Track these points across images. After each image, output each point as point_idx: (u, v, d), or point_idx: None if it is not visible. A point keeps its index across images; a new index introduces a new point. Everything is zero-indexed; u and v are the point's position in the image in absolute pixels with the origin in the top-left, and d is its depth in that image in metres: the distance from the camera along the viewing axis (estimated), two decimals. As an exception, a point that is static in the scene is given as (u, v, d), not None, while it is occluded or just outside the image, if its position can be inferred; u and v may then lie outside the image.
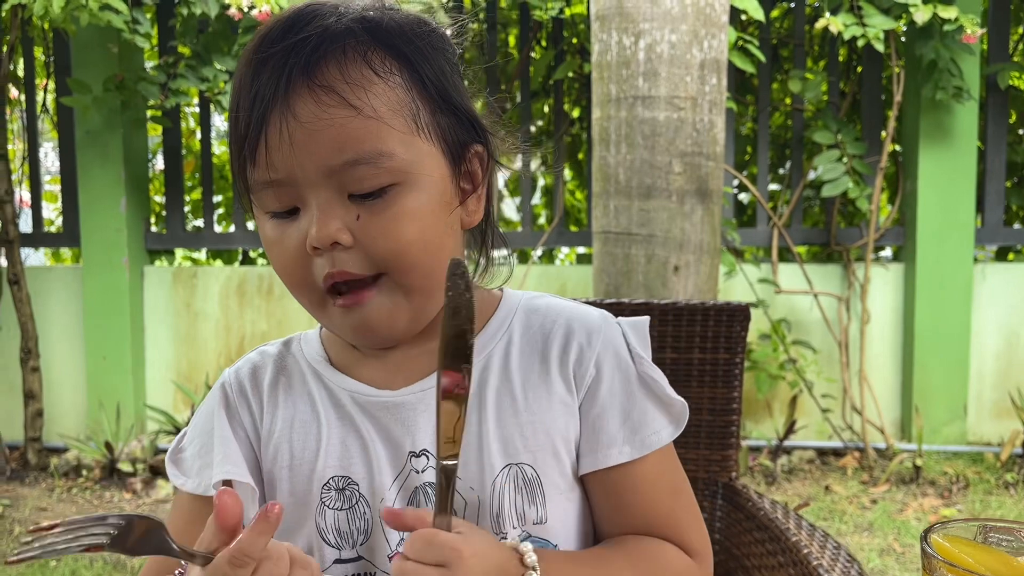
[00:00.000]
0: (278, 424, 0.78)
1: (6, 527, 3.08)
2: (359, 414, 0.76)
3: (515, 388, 0.76)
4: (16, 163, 3.97)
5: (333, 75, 0.67)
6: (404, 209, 0.69)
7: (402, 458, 0.74)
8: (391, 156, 0.68)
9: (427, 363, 0.76)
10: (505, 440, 0.74)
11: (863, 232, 3.72)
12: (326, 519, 0.75)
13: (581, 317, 0.79)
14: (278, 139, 0.67)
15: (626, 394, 0.77)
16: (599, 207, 2.64)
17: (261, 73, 0.68)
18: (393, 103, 0.68)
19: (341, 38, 0.68)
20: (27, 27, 3.78)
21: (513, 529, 0.74)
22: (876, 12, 3.35)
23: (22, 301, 3.70)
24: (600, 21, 2.59)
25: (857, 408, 3.64)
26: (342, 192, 0.68)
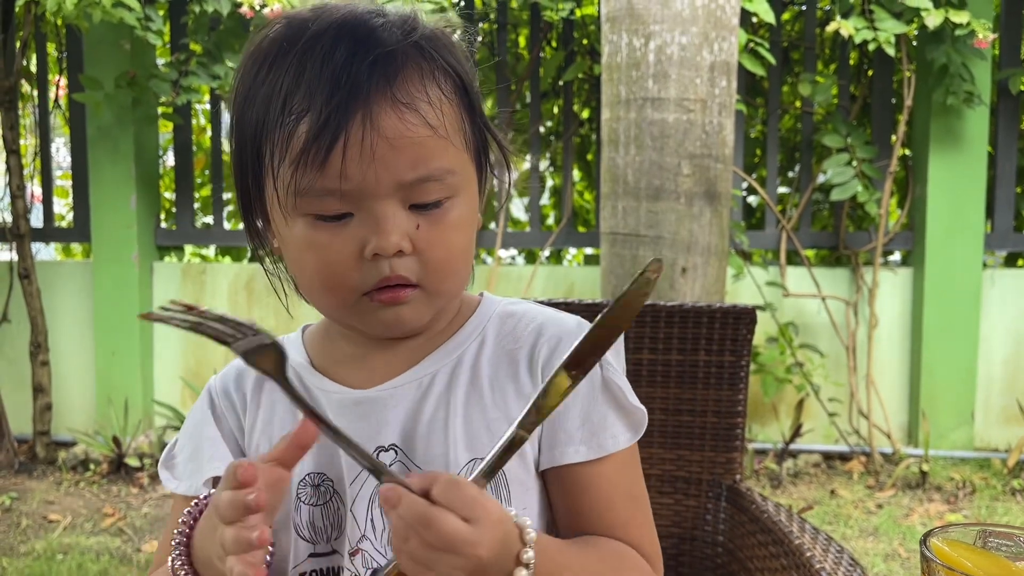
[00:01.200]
0: (259, 424, 0.81)
1: (14, 520, 3.10)
2: (333, 413, 0.78)
3: (483, 386, 0.78)
4: (28, 158, 3.99)
5: (414, 92, 0.68)
6: (456, 220, 0.72)
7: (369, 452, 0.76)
8: (454, 173, 0.71)
9: (403, 361, 0.79)
10: (471, 436, 0.76)
11: (872, 236, 3.71)
12: (302, 515, 0.77)
13: (555, 321, 0.81)
14: (358, 149, 0.66)
15: (589, 397, 0.78)
16: (607, 208, 2.64)
17: (321, 76, 0.66)
18: (454, 121, 0.72)
19: (416, 54, 0.70)
20: (40, 23, 3.80)
21: None
22: (887, 16, 3.34)
23: (32, 295, 3.72)
24: (610, 23, 2.59)
25: (864, 412, 3.63)
26: (406, 203, 0.70)
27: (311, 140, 0.67)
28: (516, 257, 4.46)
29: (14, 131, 3.70)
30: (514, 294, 3.78)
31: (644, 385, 1.31)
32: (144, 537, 2.97)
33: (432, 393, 0.77)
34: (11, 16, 3.72)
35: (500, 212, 3.89)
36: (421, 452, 0.76)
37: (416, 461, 0.76)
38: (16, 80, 3.71)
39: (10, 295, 3.88)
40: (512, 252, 4.42)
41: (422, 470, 0.75)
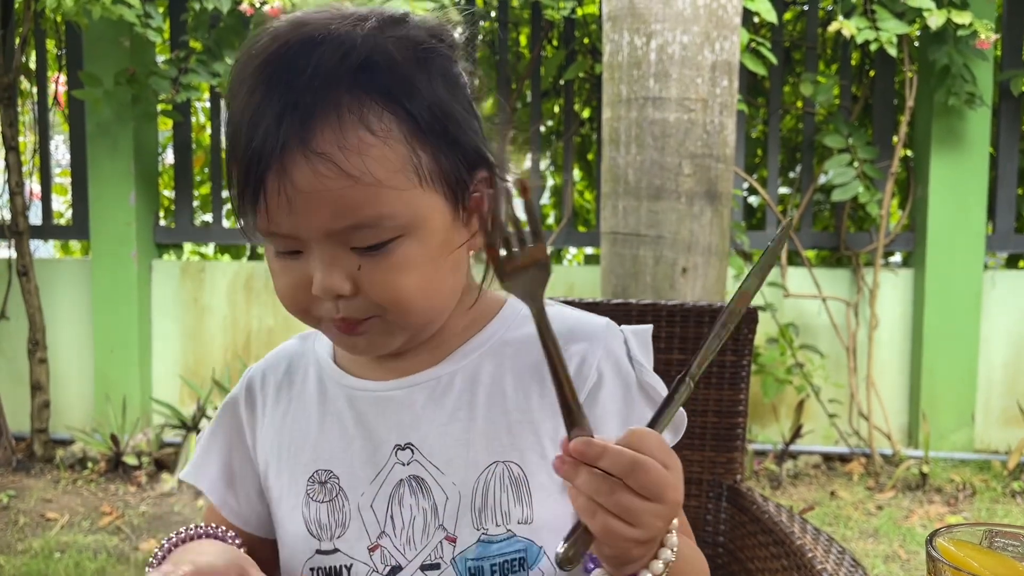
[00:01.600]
0: (278, 417, 0.81)
1: (11, 518, 3.10)
2: (347, 409, 0.78)
3: (507, 388, 0.76)
4: (27, 155, 3.99)
5: (328, 141, 0.64)
6: (403, 260, 0.68)
7: (386, 452, 0.75)
8: (392, 217, 0.67)
9: (423, 360, 0.78)
10: (492, 437, 0.75)
11: (873, 237, 3.70)
12: (310, 510, 0.77)
13: (584, 323, 0.79)
14: (276, 202, 0.66)
15: (625, 400, 0.76)
16: (608, 208, 2.63)
17: (255, 114, 0.65)
18: (393, 163, 0.66)
19: (335, 95, 0.64)
20: (40, 20, 3.79)
21: (496, 526, 0.73)
22: (889, 16, 3.33)
23: (30, 293, 3.71)
24: (612, 21, 2.58)
25: (864, 414, 3.63)
26: (345, 246, 0.68)
27: (240, 186, 0.68)
28: (516, 257, 4.45)
29: (13, 128, 3.69)
30: (514, 293, 3.77)
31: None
32: (141, 535, 2.96)
33: (452, 392, 0.76)
34: (10, 12, 3.71)
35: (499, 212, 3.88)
36: (439, 452, 0.74)
37: (434, 461, 0.74)
38: (15, 77, 3.70)
39: (8, 292, 3.88)
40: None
41: (440, 470, 0.74)
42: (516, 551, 0.74)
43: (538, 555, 0.74)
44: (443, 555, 0.73)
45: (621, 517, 0.59)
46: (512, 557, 0.73)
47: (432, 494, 0.74)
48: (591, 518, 0.60)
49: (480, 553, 0.73)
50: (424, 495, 0.74)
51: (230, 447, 0.83)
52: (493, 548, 0.73)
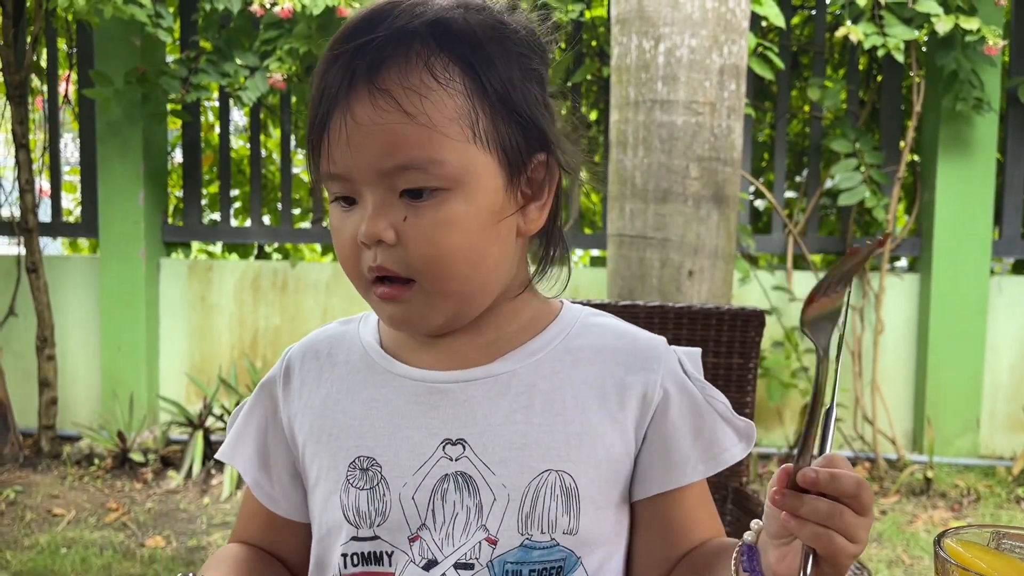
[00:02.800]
0: (318, 398, 0.80)
1: (18, 514, 3.11)
2: (396, 396, 0.77)
3: (566, 396, 0.76)
4: (37, 153, 4.01)
5: (393, 79, 0.68)
6: (449, 216, 0.69)
7: (433, 444, 0.75)
8: (442, 164, 0.68)
9: (477, 354, 0.77)
10: (548, 444, 0.74)
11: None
12: (349, 497, 0.76)
13: (644, 341, 0.80)
14: (337, 137, 0.69)
15: (694, 415, 0.77)
16: (615, 210, 2.64)
17: (330, 70, 0.70)
18: (451, 111, 0.68)
19: (408, 41, 0.68)
20: (51, 18, 3.82)
21: (541, 534, 0.73)
22: (897, 22, 3.34)
23: (39, 290, 3.73)
24: (620, 24, 2.59)
25: (869, 418, 3.63)
26: (394, 191, 0.69)
27: (312, 128, 0.71)
28: (522, 258, 4.47)
29: (24, 126, 3.71)
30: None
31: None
32: (147, 532, 2.98)
33: (509, 393, 0.75)
34: (22, 11, 3.74)
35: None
36: (492, 452, 0.74)
37: (485, 460, 0.74)
38: (26, 75, 3.72)
39: (17, 289, 3.90)
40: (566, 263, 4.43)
41: (491, 470, 0.73)
42: (556, 559, 0.74)
43: (575, 565, 0.75)
44: (479, 556, 0.73)
45: (846, 537, 0.60)
46: (552, 565, 0.74)
47: (479, 493, 0.73)
48: (817, 542, 0.60)
49: (521, 557, 0.73)
50: (470, 493, 0.73)
51: (266, 427, 0.83)
52: (535, 554, 0.73)
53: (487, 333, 0.77)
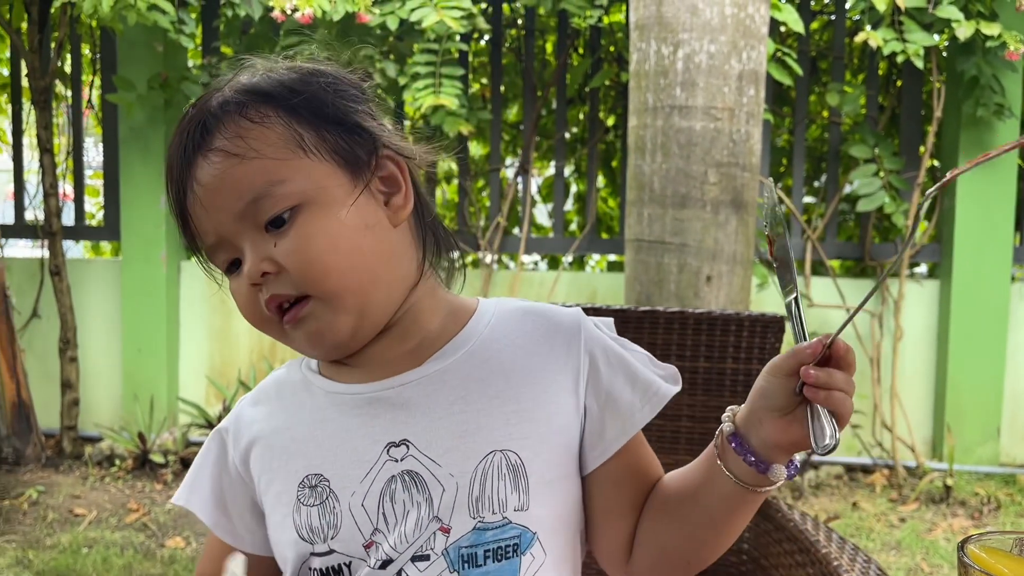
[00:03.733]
0: (266, 432, 0.84)
1: (40, 513, 3.15)
2: (337, 414, 0.80)
3: (500, 381, 0.79)
4: (60, 157, 4.06)
5: (216, 138, 0.76)
6: (307, 226, 0.74)
7: (377, 450, 0.77)
8: (282, 182, 0.74)
9: (407, 360, 0.80)
10: (491, 427, 0.77)
11: (898, 248, 3.68)
12: (301, 516, 0.78)
13: (560, 315, 0.84)
14: (196, 209, 0.77)
15: (622, 366, 0.81)
16: (633, 215, 2.65)
17: (171, 163, 0.78)
18: (273, 139, 0.75)
19: (221, 107, 0.77)
20: (76, 24, 3.87)
21: (492, 514, 0.76)
22: (917, 28, 3.32)
23: (62, 292, 3.78)
24: (639, 30, 2.60)
25: (888, 425, 3.61)
26: (259, 228, 0.75)
27: (177, 219, 0.80)
28: (539, 263, 4.47)
29: (48, 130, 3.77)
30: (537, 299, 3.79)
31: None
32: (167, 533, 3.00)
33: (445, 388, 0.78)
34: (47, 17, 3.79)
35: (524, 217, 3.91)
36: (436, 445, 0.77)
37: (430, 454, 0.76)
38: (51, 80, 3.78)
39: (40, 291, 3.95)
40: (535, 257, 4.44)
41: (437, 463, 0.76)
42: (510, 537, 0.76)
43: (531, 541, 0.77)
44: (434, 546, 0.75)
45: (851, 395, 0.70)
46: (506, 543, 0.76)
47: (428, 487, 0.76)
48: (842, 405, 0.69)
49: (474, 540, 0.75)
50: (419, 489, 0.76)
51: (219, 469, 0.86)
52: (488, 535, 0.76)
53: (411, 338, 0.81)
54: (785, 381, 0.71)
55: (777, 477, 0.73)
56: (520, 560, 0.77)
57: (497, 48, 3.93)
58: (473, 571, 0.75)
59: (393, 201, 0.80)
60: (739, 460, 0.73)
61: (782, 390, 0.71)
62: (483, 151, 4.27)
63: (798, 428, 0.71)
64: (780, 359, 0.72)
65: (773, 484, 0.74)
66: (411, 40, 3.47)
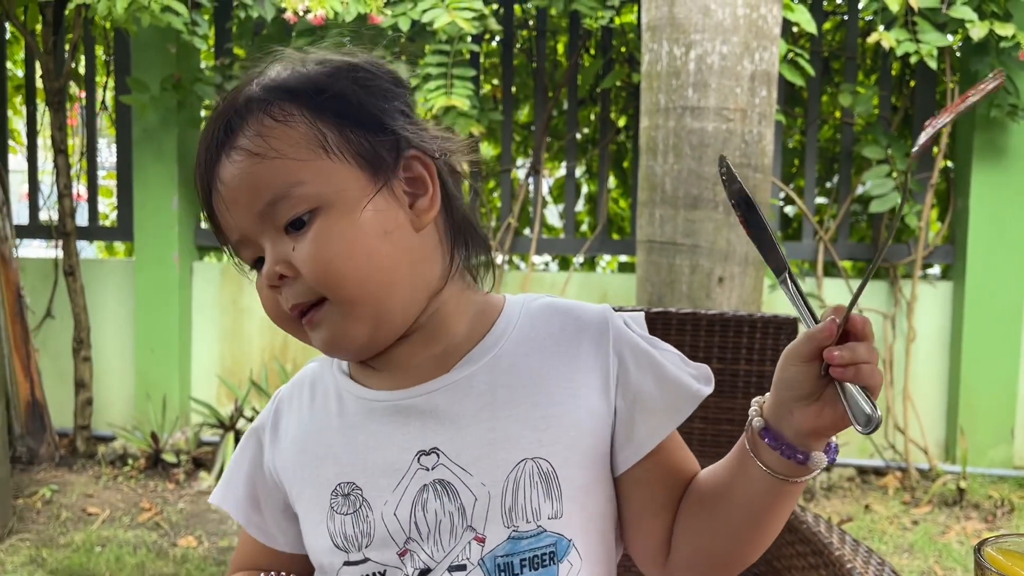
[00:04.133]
0: (301, 435, 0.83)
1: (54, 512, 3.17)
2: (366, 420, 0.79)
3: (528, 385, 0.77)
4: (74, 158, 4.09)
5: (240, 137, 0.75)
6: (327, 230, 0.73)
7: (407, 458, 0.76)
8: (301, 184, 0.73)
9: (434, 366, 0.79)
10: (520, 435, 0.76)
11: (911, 249, 3.67)
12: (335, 523, 0.78)
13: (588, 314, 0.82)
14: (220, 207, 0.77)
15: (653, 367, 0.79)
16: (644, 216, 2.65)
17: (199, 161, 0.78)
18: (295, 138, 0.74)
19: (246, 105, 0.76)
20: (90, 26, 3.89)
21: (526, 523, 0.75)
22: (930, 28, 3.31)
23: (76, 292, 3.81)
24: (651, 31, 2.60)
25: (900, 427, 3.59)
26: (279, 230, 0.75)
27: (207, 217, 0.80)
28: (550, 263, 4.47)
29: (62, 132, 3.79)
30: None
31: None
32: (180, 532, 3.02)
33: (472, 395, 0.77)
34: (61, 19, 3.81)
35: (535, 218, 3.91)
36: (466, 454, 0.75)
37: (460, 463, 0.75)
38: (65, 82, 3.80)
39: (55, 291, 3.97)
40: (546, 258, 4.44)
41: (468, 472, 0.75)
42: (546, 546, 0.75)
43: (567, 548, 0.76)
44: (470, 556, 0.74)
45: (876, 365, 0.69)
46: (543, 551, 0.75)
47: (460, 496, 0.75)
48: (872, 378, 0.67)
49: (510, 550, 0.74)
50: (451, 498, 0.75)
51: (253, 469, 0.86)
52: (523, 544, 0.75)
53: (438, 343, 0.79)
54: (807, 367, 0.69)
55: (818, 464, 0.71)
56: (558, 568, 0.76)
57: (508, 49, 3.94)
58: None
59: (418, 204, 0.78)
60: (775, 454, 0.71)
61: (806, 376, 0.69)
62: (494, 152, 4.27)
63: (831, 411, 0.69)
64: (797, 346, 0.70)
65: (812, 472, 0.71)
66: (423, 41, 3.47)
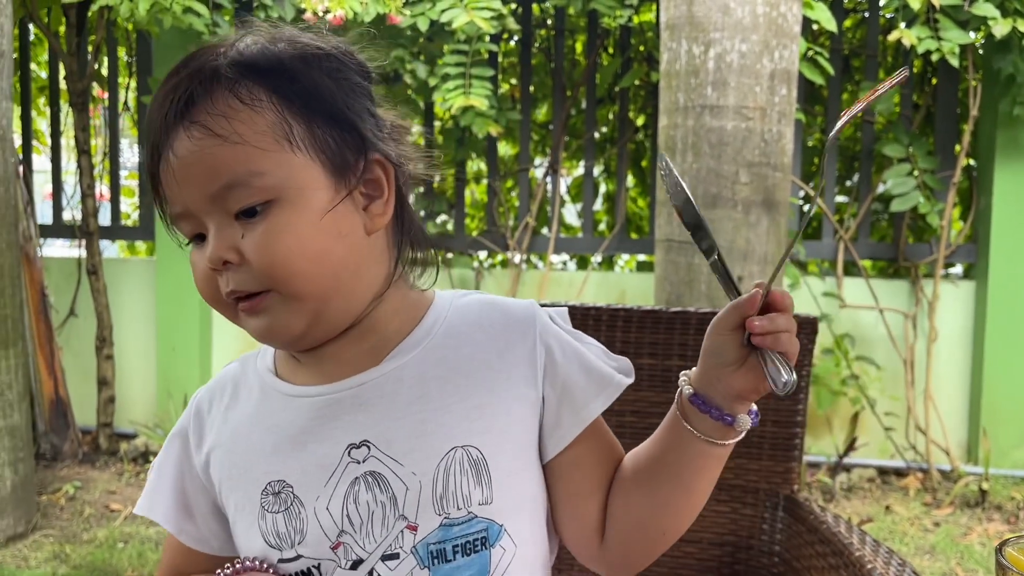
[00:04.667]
0: (226, 437, 0.83)
1: (77, 508, 3.21)
2: (295, 418, 0.79)
3: (458, 377, 0.79)
4: (97, 158, 4.13)
5: (201, 111, 0.73)
6: (279, 224, 0.73)
7: (338, 453, 0.77)
8: (261, 175, 0.72)
9: (364, 359, 0.79)
10: (451, 425, 0.77)
11: (933, 248, 3.64)
12: (267, 522, 0.78)
13: (515, 307, 0.84)
14: (167, 178, 0.75)
15: (578, 357, 0.81)
16: (663, 215, 2.64)
17: (151, 120, 0.76)
18: (261, 126, 0.73)
19: (211, 77, 0.74)
20: (112, 28, 3.93)
21: (457, 510, 0.76)
22: (952, 25, 3.28)
23: (99, 291, 3.85)
24: (670, 30, 2.59)
25: (922, 428, 3.56)
26: (229, 214, 0.73)
27: (149, 180, 0.78)
28: (568, 263, 4.47)
29: (85, 132, 3.83)
30: (565, 299, 3.79)
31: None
32: (201, 529, 3.05)
33: (403, 387, 0.78)
34: (85, 21, 3.86)
35: (552, 217, 3.91)
36: (398, 445, 0.76)
37: (391, 454, 0.76)
38: (88, 83, 3.84)
39: (78, 290, 4.02)
40: (564, 257, 4.44)
41: (399, 462, 0.76)
42: (477, 531, 0.77)
43: (499, 533, 0.78)
44: (403, 544, 0.75)
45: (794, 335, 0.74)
46: (474, 537, 0.77)
47: (391, 486, 0.76)
48: (790, 345, 0.73)
49: (442, 536, 0.76)
50: (382, 489, 0.76)
51: (182, 474, 0.85)
52: (455, 531, 0.76)
53: (369, 338, 0.80)
54: (731, 336, 0.74)
55: (743, 426, 0.76)
56: (490, 553, 0.77)
57: (527, 48, 3.94)
58: (444, 566, 0.76)
59: (372, 207, 0.78)
60: (704, 418, 0.76)
61: (730, 345, 0.74)
62: (512, 151, 4.28)
63: (753, 376, 0.74)
64: (722, 316, 0.74)
65: (739, 434, 0.77)
66: (441, 41, 3.48)
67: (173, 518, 0.85)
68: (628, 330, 1.36)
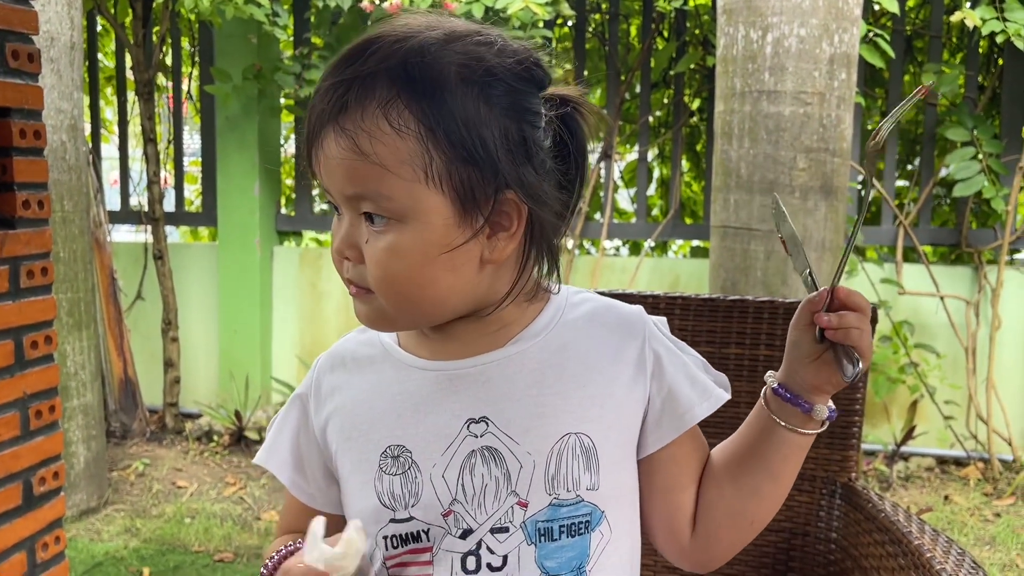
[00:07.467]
0: (347, 402, 0.88)
1: (146, 485, 3.34)
2: (419, 388, 0.84)
3: (575, 366, 0.83)
4: (161, 146, 4.25)
5: (353, 121, 0.74)
6: (395, 245, 0.76)
7: (458, 425, 0.81)
8: (389, 199, 0.75)
9: (487, 342, 0.83)
10: (567, 411, 0.81)
11: (997, 234, 3.55)
12: (383, 483, 0.82)
13: (626, 311, 0.89)
14: (317, 163, 0.79)
15: (683, 368, 0.87)
16: (719, 201, 2.63)
17: (316, 102, 0.78)
18: (403, 153, 0.74)
19: (370, 85, 0.74)
20: (176, 19, 4.04)
21: (567, 492, 0.80)
22: (1018, 6, 3.18)
23: (165, 275, 3.97)
24: (727, 15, 2.57)
25: (983, 417, 3.49)
26: (359, 212, 0.77)
27: (306, 151, 0.81)
28: (620, 248, 4.47)
29: (151, 121, 3.95)
30: (618, 286, 3.80)
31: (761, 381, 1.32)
32: (263, 506, 3.15)
33: (524, 370, 0.82)
34: (150, 12, 3.96)
35: (606, 203, 3.91)
36: (515, 424, 0.80)
37: (509, 432, 0.80)
38: (154, 73, 3.95)
39: (144, 275, 4.15)
40: (617, 243, 4.43)
41: (515, 441, 0.80)
42: (583, 514, 0.81)
43: (600, 519, 0.82)
44: (513, 519, 0.79)
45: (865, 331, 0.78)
46: (579, 520, 0.81)
47: (506, 463, 0.80)
48: (861, 340, 0.78)
49: (550, 516, 0.80)
50: (497, 464, 0.80)
51: (298, 434, 0.91)
52: (563, 511, 0.80)
53: (493, 324, 0.84)
54: (805, 331, 0.80)
55: (819, 415, 0.82)
56: (590, 536, 0.81)
57: (581, 33, 3.93)
58: (548, 544, 0.80)
59: (499, 238, 0.78)
60: (787, 406, 0.82)
61: (805, 339, 0.80)
62: (566, 137, 4.27)
63: (827, 368, 0.79)
64: (796, 313, 0.81)
65: (819, 424, 0.83)
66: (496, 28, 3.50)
67: (287, 471, 0.91)
68: (685, 318, 1.38)
